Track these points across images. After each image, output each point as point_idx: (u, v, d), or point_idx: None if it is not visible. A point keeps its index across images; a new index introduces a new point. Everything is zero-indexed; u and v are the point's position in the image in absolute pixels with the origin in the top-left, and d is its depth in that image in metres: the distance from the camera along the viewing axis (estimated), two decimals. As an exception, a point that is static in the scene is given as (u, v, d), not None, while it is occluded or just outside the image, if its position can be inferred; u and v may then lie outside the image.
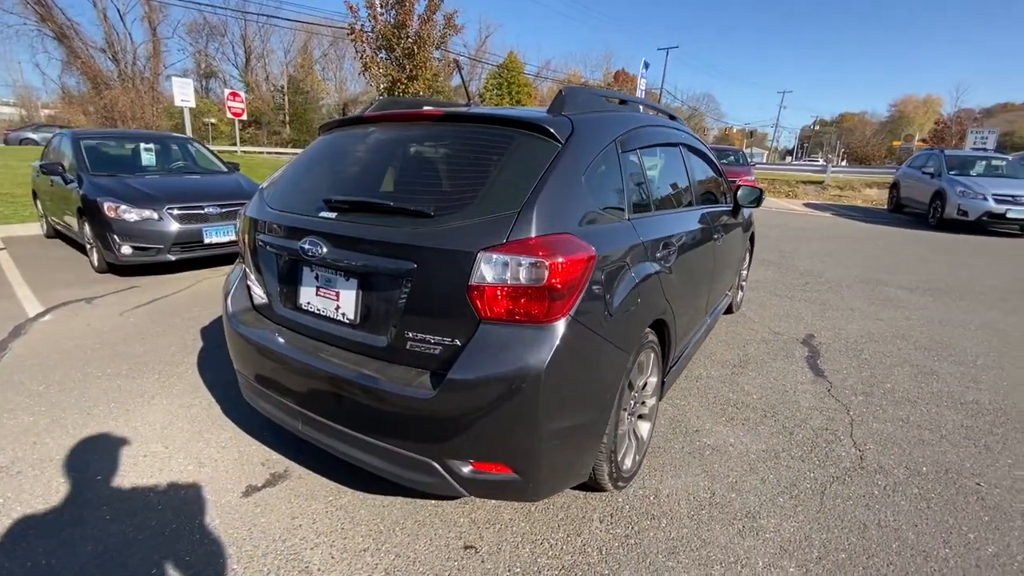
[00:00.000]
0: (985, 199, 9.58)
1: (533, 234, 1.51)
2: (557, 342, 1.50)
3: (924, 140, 54.74)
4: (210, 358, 3.37)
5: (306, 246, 1.76)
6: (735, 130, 76.77)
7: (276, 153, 29.37)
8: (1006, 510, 2.10)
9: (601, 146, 1.90)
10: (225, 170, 6.81)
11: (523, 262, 1.48)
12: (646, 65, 20.75)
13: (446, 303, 1.56)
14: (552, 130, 1.73)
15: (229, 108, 15.26)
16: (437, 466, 1.58)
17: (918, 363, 3.64)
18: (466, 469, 1.57)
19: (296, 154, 3.07)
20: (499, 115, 1.84)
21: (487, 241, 1.50)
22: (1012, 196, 9.45)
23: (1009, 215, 9.42)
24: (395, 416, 1.60)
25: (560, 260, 1.50)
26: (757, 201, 3.63)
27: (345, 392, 1.70)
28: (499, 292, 1.49)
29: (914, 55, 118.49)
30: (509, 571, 1.74)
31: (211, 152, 7.23)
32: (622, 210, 1.97)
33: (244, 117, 16.35)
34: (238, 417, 2.66)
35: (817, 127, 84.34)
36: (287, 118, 45.56)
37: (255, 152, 26.76)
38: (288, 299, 1.98)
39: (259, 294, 2.12)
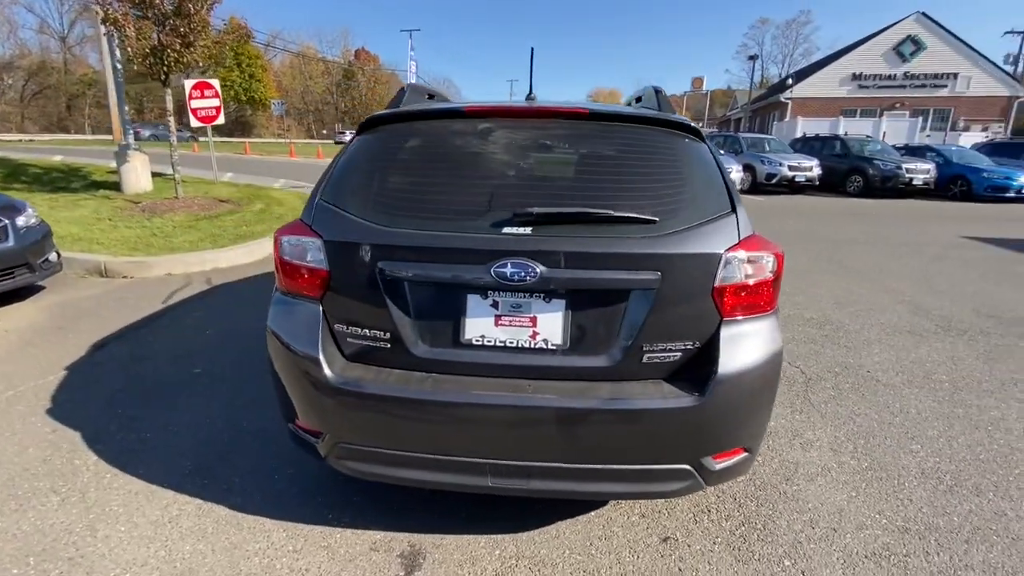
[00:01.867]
0: (782, 166, 13.89)
1: (751, 231, 1.63)
2: (779, 325, 1.68)
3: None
4: (124, 450, 2.35)
5: (508, 270, 1.48)
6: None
7: None
8: (898, 386, 3.16)
9: None
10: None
11: (761, 258, 1.59)
12: (413, 48, 20.81)
13: (689, 307, 1.55)
14: (698, 130, 1.84)
15: None
16: (691, 469, 1.59)
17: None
18: (714, 463, 1.63)
19: None
20: (650, 116, 1.82)
21: (726, 241, 1.56)
22: (797, 165, 13.95)
23: (796, 179, 13.88)
24: (651, 432, 1.54)
25: (781, 252, 1.66)
26: None
27: (579, 425, 1.53)
28: (742, 289, 1.58)
29: (605, 50, 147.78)
30: (716, 545, 1.87)
31: None
32: None
33: None
34: (265, 509, 2.01)
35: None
36: None
37: None
38: (438, 336, 1.61)
39: (362, 338, 1.64)
